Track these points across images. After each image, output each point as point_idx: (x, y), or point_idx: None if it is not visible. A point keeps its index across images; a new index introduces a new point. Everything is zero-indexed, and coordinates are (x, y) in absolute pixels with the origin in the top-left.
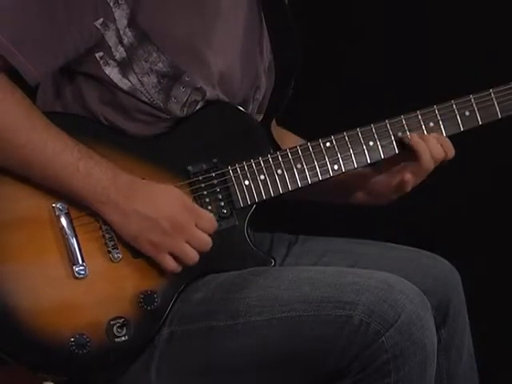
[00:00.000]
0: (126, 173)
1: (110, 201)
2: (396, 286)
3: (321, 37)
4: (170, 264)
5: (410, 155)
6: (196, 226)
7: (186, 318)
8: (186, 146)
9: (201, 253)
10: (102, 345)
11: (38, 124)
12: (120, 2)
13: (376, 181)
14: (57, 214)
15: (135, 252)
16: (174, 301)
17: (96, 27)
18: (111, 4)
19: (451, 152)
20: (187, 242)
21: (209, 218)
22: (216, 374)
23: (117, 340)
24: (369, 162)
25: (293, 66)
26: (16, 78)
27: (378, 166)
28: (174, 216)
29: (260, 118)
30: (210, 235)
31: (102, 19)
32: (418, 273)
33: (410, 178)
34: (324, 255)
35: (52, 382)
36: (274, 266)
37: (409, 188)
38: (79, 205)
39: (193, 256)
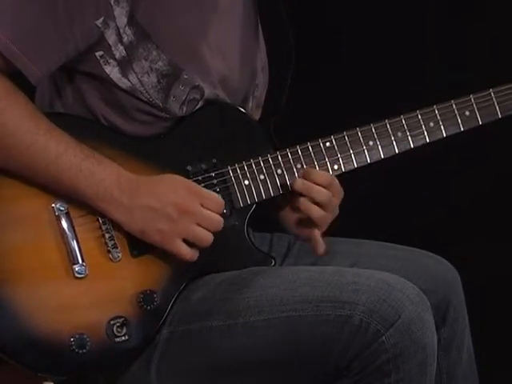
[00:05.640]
0: (125, 169)
1: (113, 200)
2: (396, 285)
3: (321, 36)
4: (185, 250)
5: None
6: (202, 206)
7: (186, 317)
8: (186, 146)
9: (214, 234)
10: (101, 344)
11: (41, 126)
12: (120, 0)
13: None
14: (56, 214)
15: (135, 252)
16: (174, 300)
17: (97, 26)
18: (112, 2)
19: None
20: (197, 224)
21: (214, 198)
22: (216, 374)
23: (117, 340)
24: (369, 161)
25: (287, 65)
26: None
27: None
28: (177, 201)
29: (259, 112)
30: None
31: (102, 18)
32: (417, 273)
33: (317, 233)
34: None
35: (52, 381)
36: (274, 265)
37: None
38: (79, 205)
39: (206, 237)
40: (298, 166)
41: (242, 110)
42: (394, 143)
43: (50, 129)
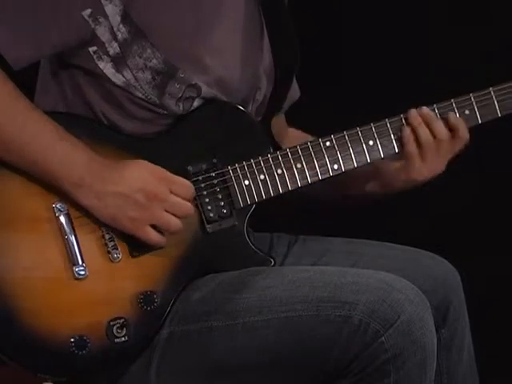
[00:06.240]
0: (99, 156)
1: (85, 184)
2: (396, 285)
3: (321, 36)
4: (153, 236)
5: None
6: (171, 192)
7: (186, 318)
8: (186, 146)
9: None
10: (101, 345)
11: (19, 105)
12: None
13: (388, 169)
14: (56, 214)
15: (135, 252)
16: (174, 301)
17: (84, 18)
18: None
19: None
20: (166, 211)
21: (182, 183)
22: (215, 374)
23: (117, 340)
24: (368, 161)
25: (292, 66)
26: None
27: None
28: (145, 187)
29: (258, 118)
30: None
31: (90, 10)
32: (418, 273)
33: (416, 159)
34: (324, 255)
35: (52, 382)
36: (274, 266)
37: (416, 171)
38: (79, 205)
39: (174, 223)
40: (299, 165)
41: (243, 109)
42: (394, 142)
43: (27, 109)
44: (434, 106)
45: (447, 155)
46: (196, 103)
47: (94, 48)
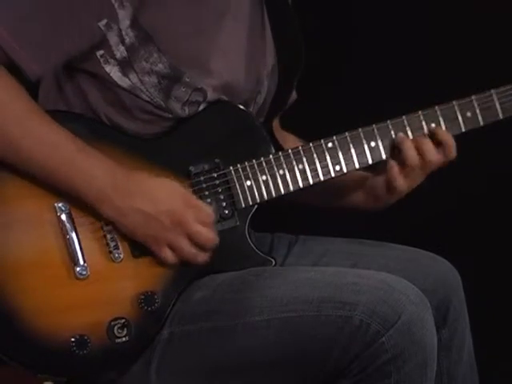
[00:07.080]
0: (123, 168)
1: (107, 198)
2: (396, 286)
3: (322, 37)
4: (171, 257)
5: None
6: (196, 220)
7: (186, 318)
8: (188, 146)
9: (205, 249)
10: (102, 345)
11: (36, 118)
12: (124, 4)
13: (374, 182)
14: (58, 213)
15: (136, 252)
16: (175, 301)
17: (100, 28)
18: (116, 5)
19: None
20: (188, 238)
21: (206, 212)
22: (216, 374)
23: (117, 341)
24: (370, 162)
25: (297, 67)
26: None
27: (377, 168)
28: (173, 210)
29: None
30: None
31: (105, 20)
32: (418, 273)
33: (398, 179)
34: (324, 255)
35: (52, 382)
36: (275, 266)
37: (398, 188)
38: (81, 205)
39: (190, 253)
40: (300, 166)
41: (245, 109)
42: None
43: (46, 122)
44: (436, 107)
45: (429, 171)
46: (202, 108)
47: (101, 52)
